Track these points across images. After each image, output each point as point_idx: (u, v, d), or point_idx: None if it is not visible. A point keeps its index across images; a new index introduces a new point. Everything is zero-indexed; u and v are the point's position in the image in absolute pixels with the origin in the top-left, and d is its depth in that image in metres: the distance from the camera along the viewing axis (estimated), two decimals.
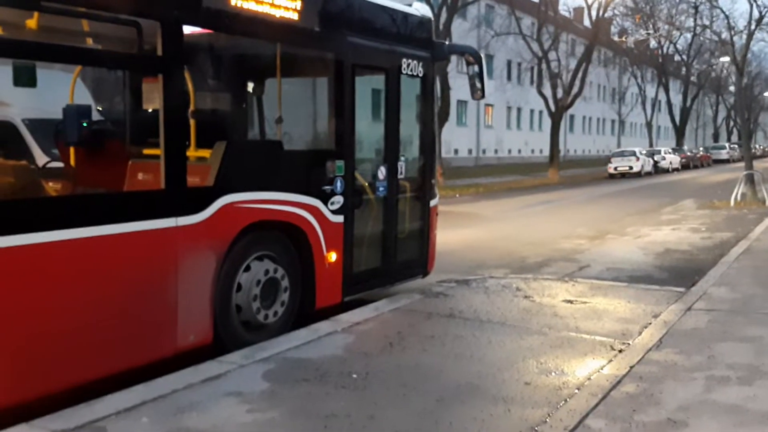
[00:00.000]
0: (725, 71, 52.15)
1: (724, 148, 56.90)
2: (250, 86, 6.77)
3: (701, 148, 58.64)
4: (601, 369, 4.75)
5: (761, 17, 24.04)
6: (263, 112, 6.80)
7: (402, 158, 6.92)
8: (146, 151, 5.53)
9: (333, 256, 6.08)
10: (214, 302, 5.05)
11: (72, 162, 5.70)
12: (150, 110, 4.98)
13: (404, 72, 6.77)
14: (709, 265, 8.67)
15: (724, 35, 26.33)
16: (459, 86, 9.12)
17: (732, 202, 17.84)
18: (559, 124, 33.52)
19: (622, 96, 57.48)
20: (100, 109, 5.89)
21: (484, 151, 47.85)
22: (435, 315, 6.29)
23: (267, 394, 4.28)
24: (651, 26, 39.87)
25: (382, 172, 6.69)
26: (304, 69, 6.66)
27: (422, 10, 7.30)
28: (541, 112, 45.53)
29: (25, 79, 4.51)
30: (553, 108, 32.66)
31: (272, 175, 5.54)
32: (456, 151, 43.06)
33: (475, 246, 11.26)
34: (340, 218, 6.12)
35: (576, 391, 4.32)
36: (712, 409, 4.00)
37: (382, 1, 6.67)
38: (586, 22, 43.50)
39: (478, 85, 7.33)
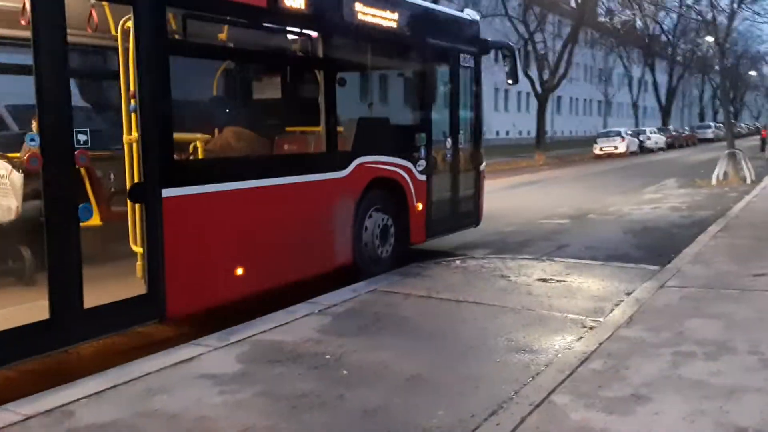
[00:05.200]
0: (711, 51, 52.20)
1: (709, 127, 57.04)
2: (372, 79, 8.60)
3: (687, 128, 58.85)
4: (571, 346, 4.81)
5: None
6: (378, 97, 8.71)
7: (461, 131, 8.77)
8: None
9: (420, 206, 7.90)
10: (354, 233, 6.93)
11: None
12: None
13: (461, 64, 8.64)
14: (686, 243, 8.72)
15: (709, 15, 26.37)
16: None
17: (714, 181, 17.95)
18: (546, 105, 33.53)
19: (608, 77, 57.49)
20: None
21: None
22: (412, 296, 6.34)
23: (239, 376, 4.32)
24: (637, 6, 39.82)
25: (449, 142, 8.53)
26: (399, 66, 8.47)
27: (472, 14, 9.22)
28: (528, 94, 45.47)
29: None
30: (539, 89, 32.66)
31: (384, 143, 7.36)
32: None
33: None
34: (423, 177, 7.93)
35: (544, 367, 4.39)
36: (676, 384, 4.06)
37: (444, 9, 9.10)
38: (573, 3, 43.38)
39: (512, 73, 9.37)
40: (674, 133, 48.34)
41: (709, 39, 36.62)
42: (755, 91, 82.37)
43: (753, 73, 71.22)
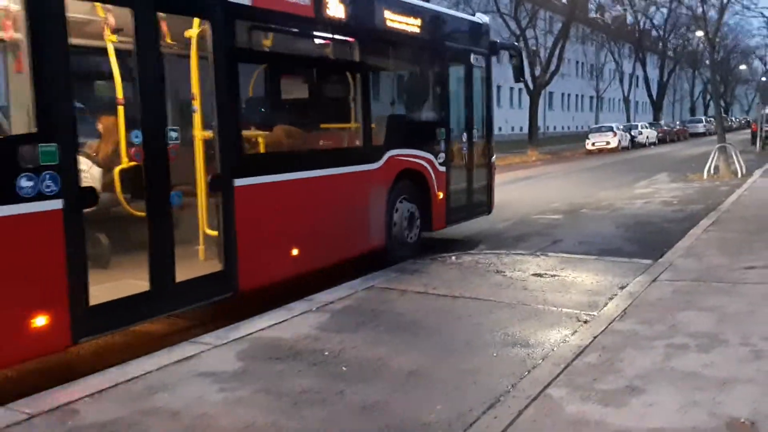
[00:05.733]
0: (701, 45, 52.43)
1: (700, 121, 57.21)
2: (399, 79, 9.32)
3: (678, 122, 59.04)
4: (566, 340, 4.88)
5: None
6: (404, 96, 9.36)
7: (475, 126, 9.46)
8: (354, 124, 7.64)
9: (441, 195, 8.58)
10: (386, 219, 7.64)
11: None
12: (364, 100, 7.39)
13: (475, 65, 9.37)
14: (678, 237, 8.82)
15: (699, 9, 26.49)
16: None
17: (705, 175, 18.08)
18: (538, 101, 33.62)
19: (599, 72, 57.63)
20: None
21: None
22: (409, 292, 6.40)
23: (239, 374, 4.37)
24: (627, 2, 39.99)
25: (464, 137, 9.24)
26: (422, 66, 8.89)
27: (483, 18, 9.95)
28: (520, 90, 45.54)
29: None
30: (531, 86, 32.72)
31: (410, 137, 8.10)
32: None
33: None
34: (443, 168, 8.61)
35: (540, 361, 4.45)
36: (670, 376, 4.13)
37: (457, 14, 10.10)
38: None
39: (519, 71, 10.50)
40: (665, 128, 48.54)
41: (700, 33, 36.80)
42: (745, 84, 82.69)
43: (743, 67, 71.53)
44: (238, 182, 5.65)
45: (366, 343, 4.96)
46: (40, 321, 4.25)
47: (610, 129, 36.56)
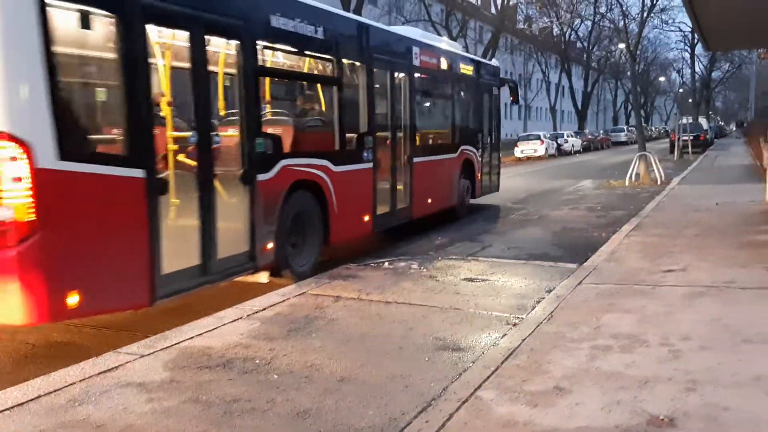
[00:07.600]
0: (623, 57, 54.49)
1: (622, 130, 59.41)
2: (464, 102, 13.28)
3: (601, 131, 61.13)
4: (496, 343, 4.98)
5: (653, 5, 25.32)
6: (464, 112, 13.30)
7: (492, 131, 14.45)
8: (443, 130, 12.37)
9: (479, 176, 13.49)
10: (458, 189, 12.48)
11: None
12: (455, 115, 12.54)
13: (492, 93, 14.35)
14: (602, 242, 9.13)
15: (621, 23, 27.56)
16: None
17: (627, 182, 18.79)
18: None
19: (527, 82, 59.13)
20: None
21: None
22: (342, 298, 6.39)
23: (167, 383, 4.26)
24: (554, 14, 41.20)
25: (488, 139, 14.14)
26: (472, 94, 13.40)
27: (496, 63, 15.81)
28: None
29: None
30: None
31: (469, 138, 12.93)
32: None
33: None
34: (480, 159, 13.47)
35: (471, 364, 4.52)
36: (594, 376, 4.26)
37: (486, 60, 16.05)
38: (493, 10, 44.38)
39: (516, 96, 15.28)
40: (590, 137, 50.10)
41: (621, 46, 38.25)
42: (664, 95, 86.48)
43: (662, 78, 74.77)
44: (415, 160, 10.25)
45: (297, 350, 4.93)
46: (365, 218, 8.85)
47: (538, 137, 37.47)
